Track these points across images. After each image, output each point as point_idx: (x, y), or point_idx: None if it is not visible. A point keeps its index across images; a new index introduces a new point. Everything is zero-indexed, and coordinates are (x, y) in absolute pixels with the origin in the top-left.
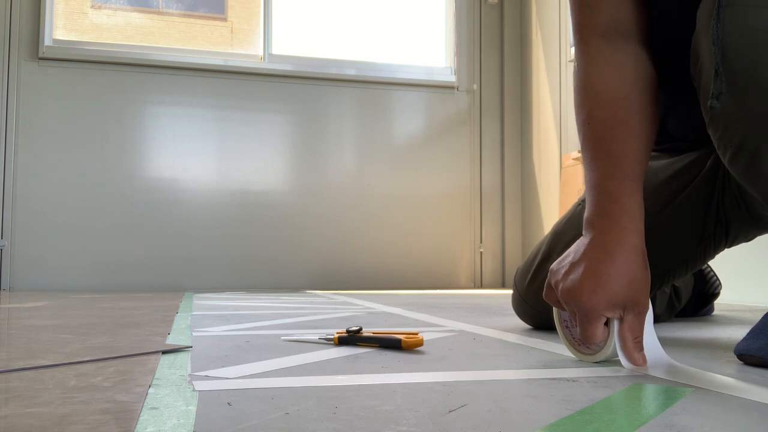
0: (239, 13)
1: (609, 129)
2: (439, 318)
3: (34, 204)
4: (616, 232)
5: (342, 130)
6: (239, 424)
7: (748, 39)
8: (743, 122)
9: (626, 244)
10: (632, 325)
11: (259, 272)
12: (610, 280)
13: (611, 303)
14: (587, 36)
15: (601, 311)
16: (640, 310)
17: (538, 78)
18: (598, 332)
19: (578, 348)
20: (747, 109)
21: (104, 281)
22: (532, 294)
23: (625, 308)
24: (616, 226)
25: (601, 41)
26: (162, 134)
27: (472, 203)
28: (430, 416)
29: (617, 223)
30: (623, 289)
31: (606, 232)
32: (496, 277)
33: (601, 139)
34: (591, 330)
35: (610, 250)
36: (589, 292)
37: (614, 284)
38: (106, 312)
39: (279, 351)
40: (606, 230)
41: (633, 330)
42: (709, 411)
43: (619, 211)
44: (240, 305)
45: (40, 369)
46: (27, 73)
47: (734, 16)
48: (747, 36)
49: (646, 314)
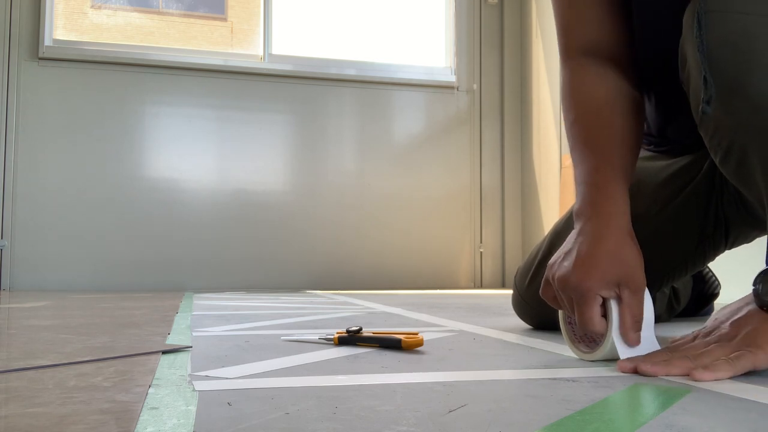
0: (239, 13)
1: (594, 129)
2: (439, 318)
3: (34, 204)
4: (602, 218)
5: (342, 130)
6: (239, 424)
7: (729, 45)
8: (730, 126)
9: (613, 226)
10: (629, 302)
11: (259, 272)
12: (601, 259)
13: (604, 280)
14: (571, 54)
15: (595, 290)
16: (636, 287)
17: (538, 78)
18: (594, 315)
19: (578, 346)
20: (732, 114)
21: (104, 281)
22: (532, 293)
23: (620, 285)
24: (602, 212)
25: (584, 58)
26: (162, 134)
27: (472, 203)
28: (430, 416)
29: (603, 209)
30: (615, 267)
31: (593, 218)
32: (496, 277)
33: (587, 138)
34: (588, 312)
35: (598, 233)
36: (582, 274)
37: (605, 262)
38: (106, 312)
39: (279, 351)
40: (593, 217)
41: (631, 307)
42: (709, 411)
43: (604, 199)
44: (240, 305)
45: (40, 369)
46: (27, 73)
47: (715, 22)
48: (729, 42)
49: (643, 292)
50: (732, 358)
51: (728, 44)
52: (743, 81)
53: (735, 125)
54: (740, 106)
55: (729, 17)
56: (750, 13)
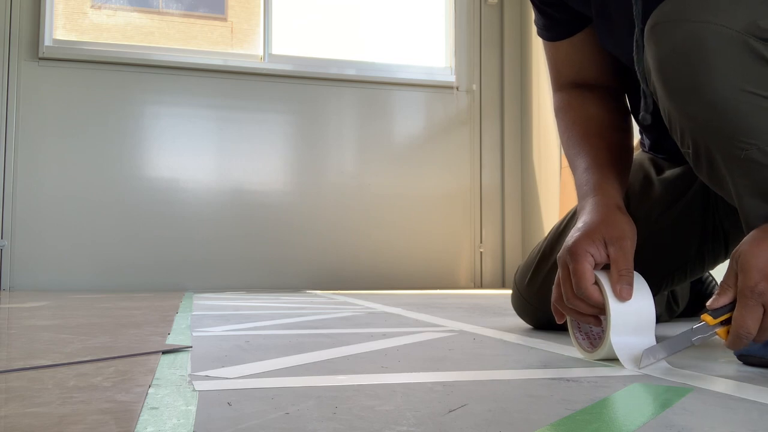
0: (239, 13)
1: (585, 137)
2: (439, 318)
3: (34, 204)
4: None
5: (342, 130)
6: (239, 424)
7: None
8: (691, 129)
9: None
10: (615, 257)
11: (259, 272)
12: (589, 224)
13: (591, 239)
14: (560, 86)
15: (584, 247)
16: (621, 245)
17: (538, 78)
18: (586, 272)
19: (582, 345)
20: (692, 118)
21: (104, 281)
22: (533, 292)
23: (606, 243)
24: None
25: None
26: (162, 134)
27: (472, 203)
28: (430, 416)
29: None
30: (601, 227)
31: (584, 204)
32: (496, 277)
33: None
34: (579, 269)
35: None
36: (574, 239)
37: (592, 224)
38: (106, 312)
39: (279, 351)
40: (585, 204)
41: (617, 261)
42: (709, 411)
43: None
44: (240, 305)
45: (40, 369)
46: (27, 73)
47: (668, 31)
48: (682, 49)
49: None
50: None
51: (681, 51)
52: (697, 84)
53: (696, 128)
54: (697, 109)
55: (680, 26)
56: (699, 21)
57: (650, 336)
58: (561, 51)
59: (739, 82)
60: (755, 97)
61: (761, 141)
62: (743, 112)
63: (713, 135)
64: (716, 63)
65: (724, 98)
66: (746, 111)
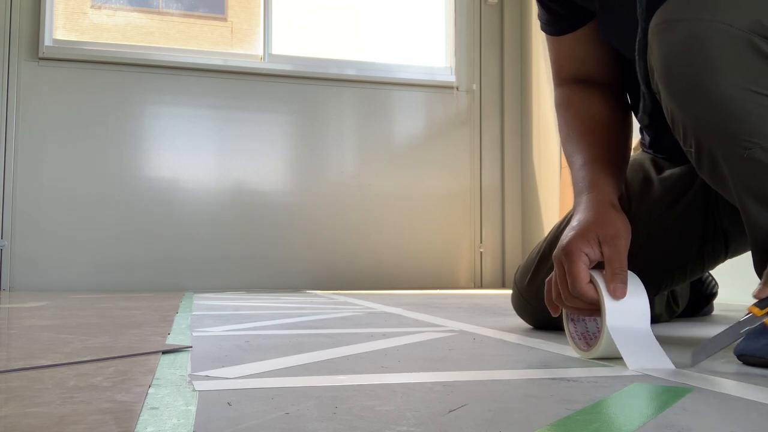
0: (239, 13)
1: (584, 134)
2: (439, 318)
3: (34, 204)
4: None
5: (342, 130)
6: (239, 424)
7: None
8: (694, 128)
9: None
10: (610, 255)
11: (259, 272)
12: (583, 222)
13: (585, 238)
14: (561, 82)
15: (579, 247)
16: (616, 243)
17: (538, 78)
18: (581, 272)
19: (578, 344)
20: (694, 116)
21: (104, 281)
22: (533, 292)
23: (600, 242)
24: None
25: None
26: (162, 134)
27: (472, 203)
28: (430, 416)
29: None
30: (595, 225)
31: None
32: (496, 277)
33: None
34: (574, 269)
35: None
36: (569, 238)
37: (586, 223)
38: (106, 312)
39: (279, 351)
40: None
41: (611, 261)
42: (709, 411)
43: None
44: (240, 305)
45: (40, 369)
46: (27, 73)
47: (671, 30)
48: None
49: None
50: None
51: (685, 49)
52: (701, 83)
53: (699, 127)
54: (701, 107)
55: (684, 24)
56: (704, 20)
57: (646, 333)
58: (564, 46)
59: (744, 81)
60: (759, 96)
61: (765, 140)
62: (747, 111)
63: (716, 134)
64: (720, 62)
65: (728, 97)
66: (750, 110)
